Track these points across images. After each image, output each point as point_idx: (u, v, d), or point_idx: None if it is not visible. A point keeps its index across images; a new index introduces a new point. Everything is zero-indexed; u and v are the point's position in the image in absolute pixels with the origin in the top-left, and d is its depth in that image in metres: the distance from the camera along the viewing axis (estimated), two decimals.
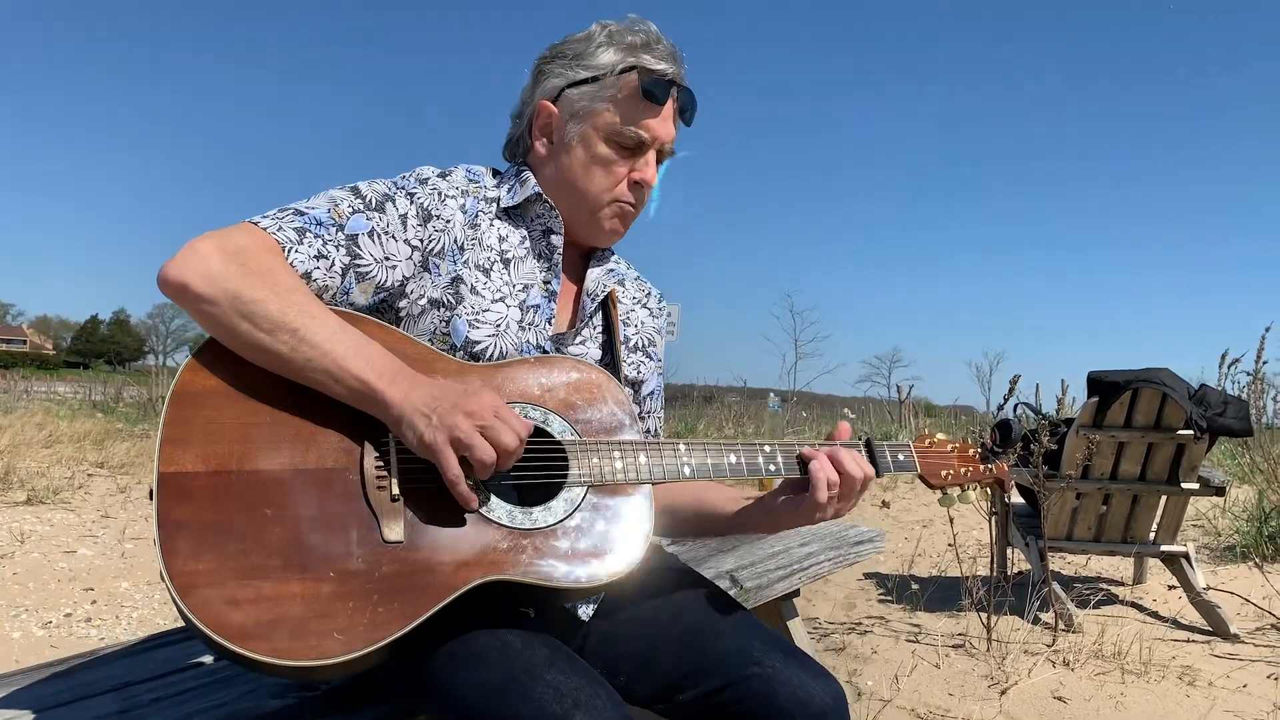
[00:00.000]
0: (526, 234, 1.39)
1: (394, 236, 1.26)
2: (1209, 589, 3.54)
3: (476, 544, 1.10)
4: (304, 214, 1.21)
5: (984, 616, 3.15)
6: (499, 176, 1.44)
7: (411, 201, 1.29)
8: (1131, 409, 3.49)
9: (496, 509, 1.13)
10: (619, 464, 1.21)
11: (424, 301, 1.29)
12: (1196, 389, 3.56)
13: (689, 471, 1.25)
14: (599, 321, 1.45)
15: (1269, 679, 2.90)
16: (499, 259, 1.35)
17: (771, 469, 1.29)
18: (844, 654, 3.15)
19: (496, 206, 1.38)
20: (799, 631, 2.37)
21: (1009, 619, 3.29)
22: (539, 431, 1.20)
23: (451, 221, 1.31)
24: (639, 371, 1.48)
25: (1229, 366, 5.99)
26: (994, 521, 3.72)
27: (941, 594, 3.89)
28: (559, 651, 1.13)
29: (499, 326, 1.31)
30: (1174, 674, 2.90)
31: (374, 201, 1.27)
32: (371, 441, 1.12)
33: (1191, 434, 3.43)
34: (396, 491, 1.10)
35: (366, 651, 1.01)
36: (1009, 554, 3.85)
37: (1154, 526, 3.66)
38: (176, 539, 1.00)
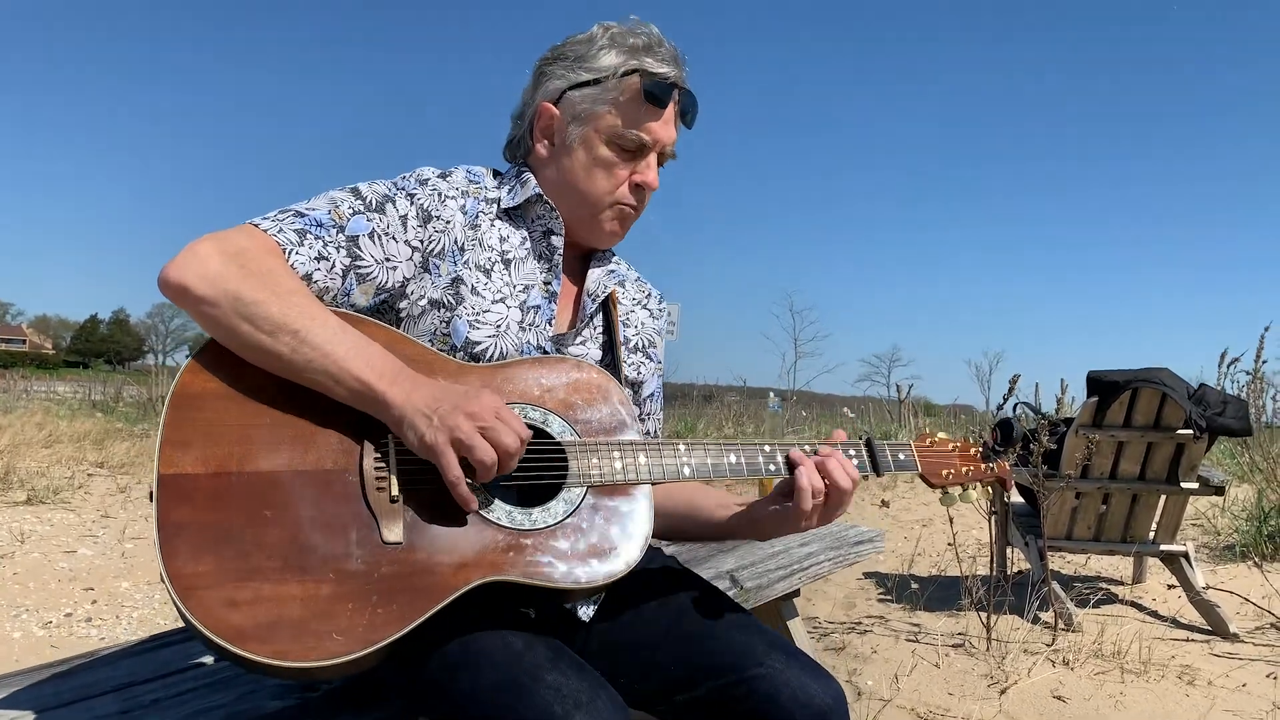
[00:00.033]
0: (527, 235, 1.39)
1: (394, 238, 1.26)
2: (1208, 588, 3.55)
3: (476, 545, 1.10)
4: (304, 215, 1.21)
5: (984, 616, 3.15)
6: (499, 177, 1.44)
7: (412, 202, 1.29)
8: (1131, 408, 3.49)
9: (496, 510, 1.13)
10: (618, 464, 1.21)
11: (424, 302, 1.29)
12: (1196, 388, 3.56)
13: (689, 472, 1.25)
14: (599, 322, 1.45)
15: (1268, 678, 2.90)
16: (499, 259, 1.35)
17: (771, 469, 1.29)
18: (844, 653, 3.15)
19: (497, 207, 1.38)
20: (799, 631, 2.37)
21: (1009, 618, 3.29)
22: (539, 432, 1.20)
23: (452, 222, 1.31)
24: (639, 372, 1.48)
25: (1228, 366, 6.00)
26: (994, 521, 3.72)
27: (941, 593, 3.90)
28: (560, 653, 1.13)
29: (499, 327, 1.31)
30: (1173, 673, 2.91)
31: (374, 203, 1.27)
32: (371, 442, 1.12)
33: (1191, 433, 3.43)
34: (396, 492, 1.10)
35: (365, 653, 1.01)
36: (1009, 553, 3.85)
37: (1153, 526, 3.66)
38: (176, 541, 1.00)
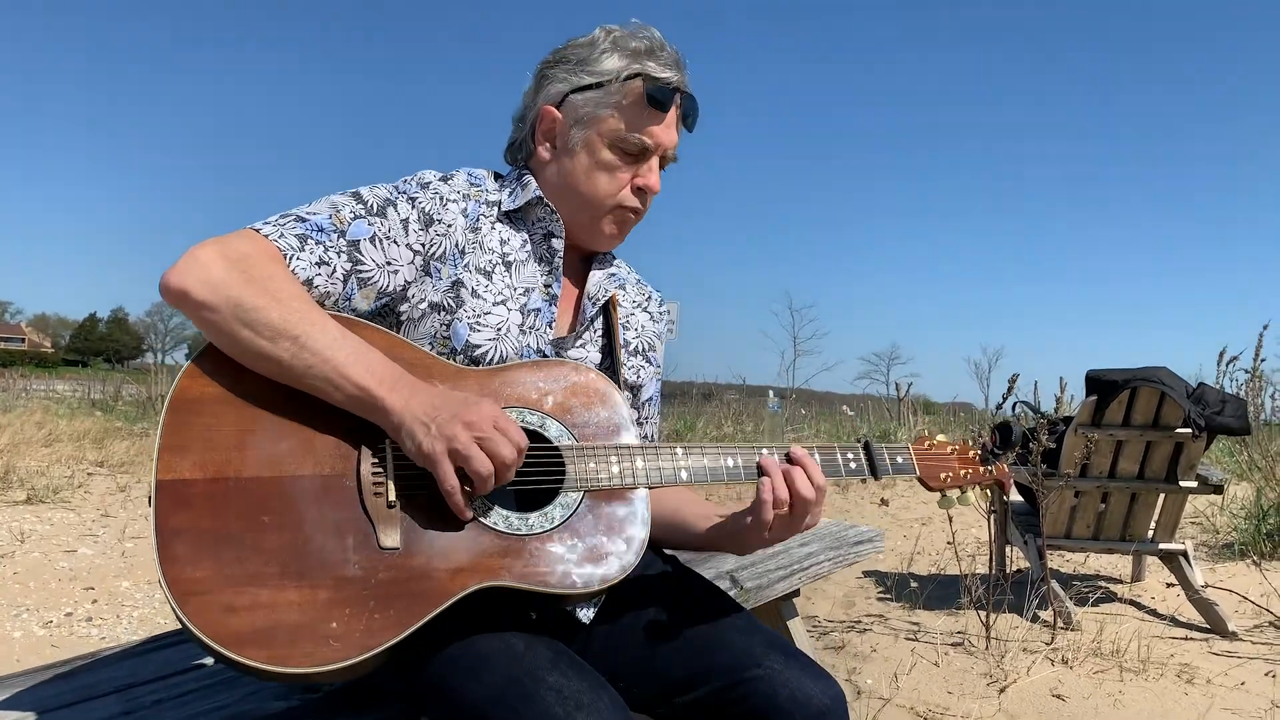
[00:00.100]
0: (528, 237, 1.39)
1: (396, 241, 1.26)
2: (1207, 587, 3.55)
3: (472, 550, 1.11)
4: (305, 220, 1.21)
5: (983, 615, 3.15)
6: (500, 180, 1.44)
7: (413, 206, 1.29)
8: (1130, 407, 3.49)
9: (493, 514, 1.13)
10: (615, 468, 1.21)
11: (424, 305, 1.29)
12: (1195, 387, 3.56)
13: (686, 475, 1.25)
14: (599, 325, 1.45)
15: (1267, 676, 2.90)
16: (500, 262, 1.35)
17: None
18: (843, 652, 3.16)
19: (498, 210, 1.38)
20: (799, 631, 2.37)
21: (1008, 617, 3.30)
22: (537, 436, 1.20)
23: (453, 225, 1.31)
24: (638, 376, 1.48)
25: (1227, 364, 5.99)
26: (993, 520, 3.72)
27: (940, 592, 3.90)
28: (562, 654, 1.13)
29: (500, 330, 1.31)
30: (1172, 672, 2.91)
31: (375, 206, 1.26)
32: (368, 447, 1.12)
33: (1189, 432, 3.43)
34: (393, 498, 1.10)
35: (362, 658, 1.01)
36: (1008, 552, 3.85)
37: (1152, 524, 3.66)
38: (174, 546, 1.01)
